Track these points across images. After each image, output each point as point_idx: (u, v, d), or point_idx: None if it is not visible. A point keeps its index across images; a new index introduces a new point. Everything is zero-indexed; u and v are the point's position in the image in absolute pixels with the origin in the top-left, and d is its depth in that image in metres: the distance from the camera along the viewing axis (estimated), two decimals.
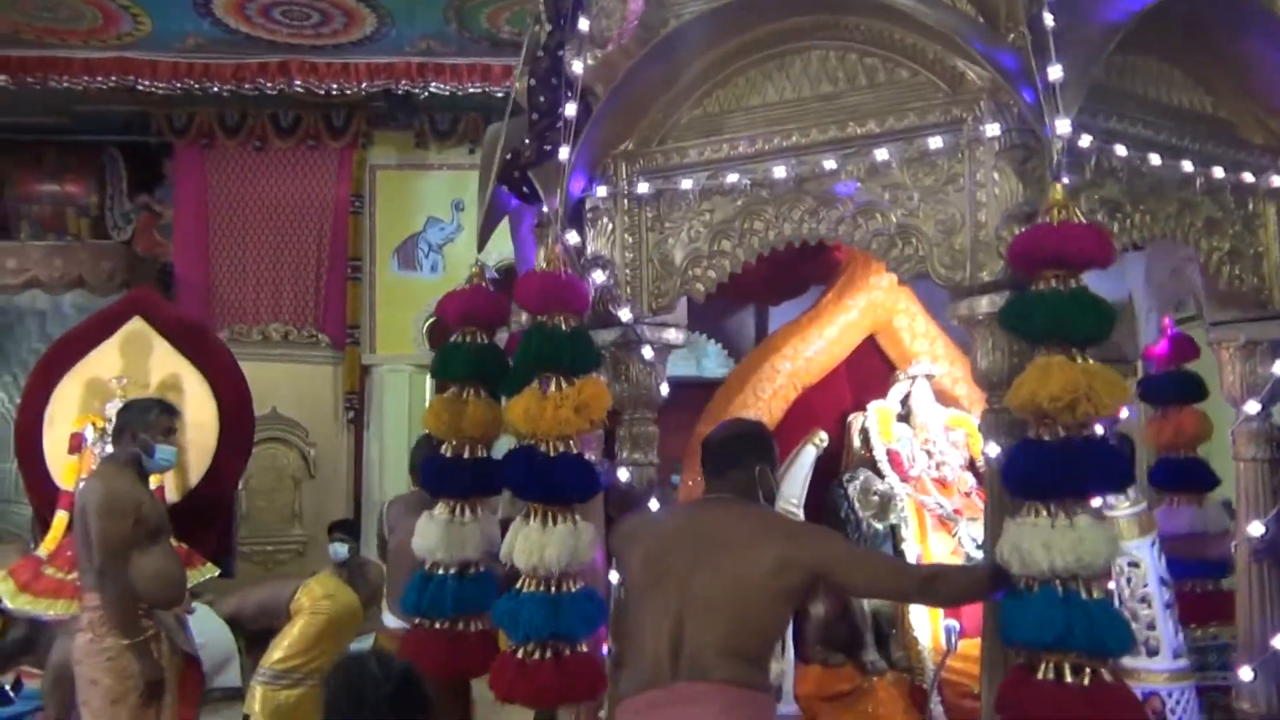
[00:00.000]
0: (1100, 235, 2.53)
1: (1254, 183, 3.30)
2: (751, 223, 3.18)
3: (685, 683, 2.55)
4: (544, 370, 3.08)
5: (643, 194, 3.37)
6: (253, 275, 8.23)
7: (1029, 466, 2.52)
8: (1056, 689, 2.43)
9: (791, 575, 2.59)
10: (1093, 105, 2.82)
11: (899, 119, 2.89)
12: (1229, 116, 3.30)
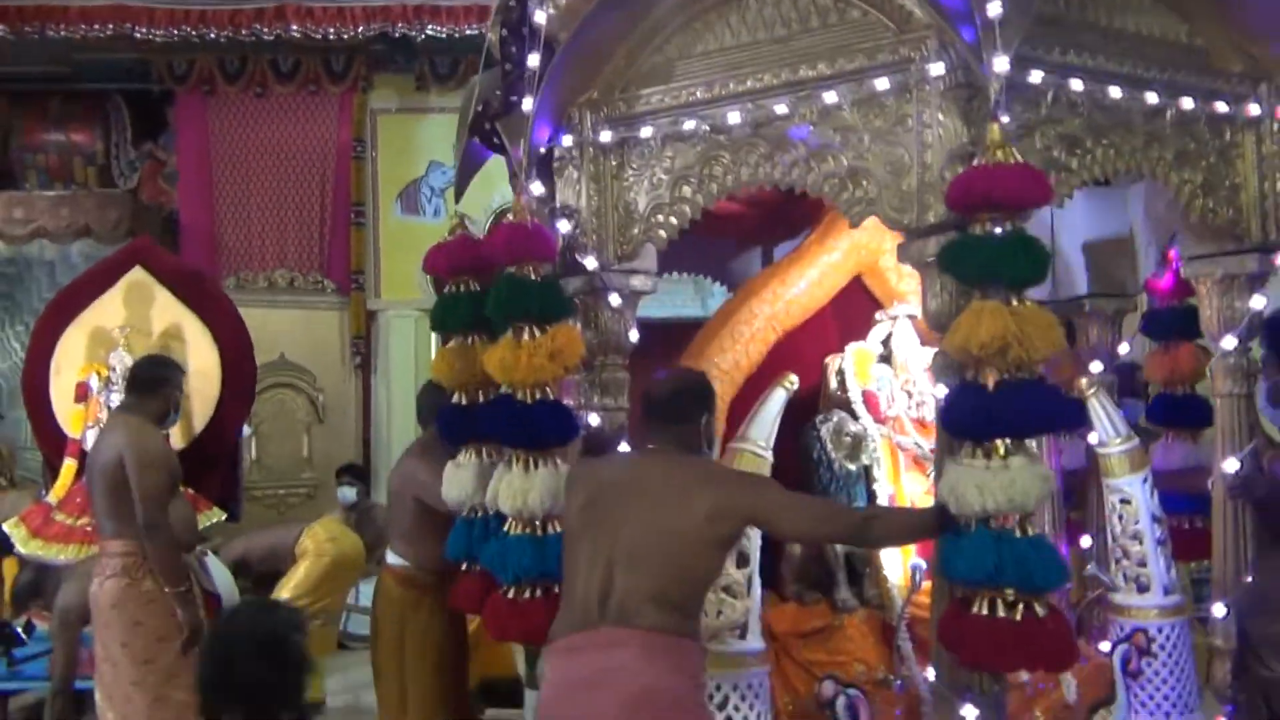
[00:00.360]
0: (1035, 177, 2.54)
1: (1230, 112, 3.30)
2: (710, 168, 3.22)
3: (610, 628, 2.61)
4: (516, 320, 3.18)
5: (606, 143, 3.43)
6: (257, 222, 8.30)
7: (965, 409, 2.58)
8: (990, 623, 2.54)
9: (724, 523, 2.65)
10: (1046, 39, 2.85)
11: (849, 60, 2.91)
12: (1205, 44, 3.29)
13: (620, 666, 2.56)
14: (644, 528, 2.64)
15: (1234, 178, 3.34)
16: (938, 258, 2.62)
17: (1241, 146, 3.34)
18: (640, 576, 2.61)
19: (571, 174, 3.48)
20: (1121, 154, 3.05)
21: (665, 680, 2.57)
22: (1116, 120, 3.05)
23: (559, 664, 2.70)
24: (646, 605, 2.60)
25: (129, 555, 4.02)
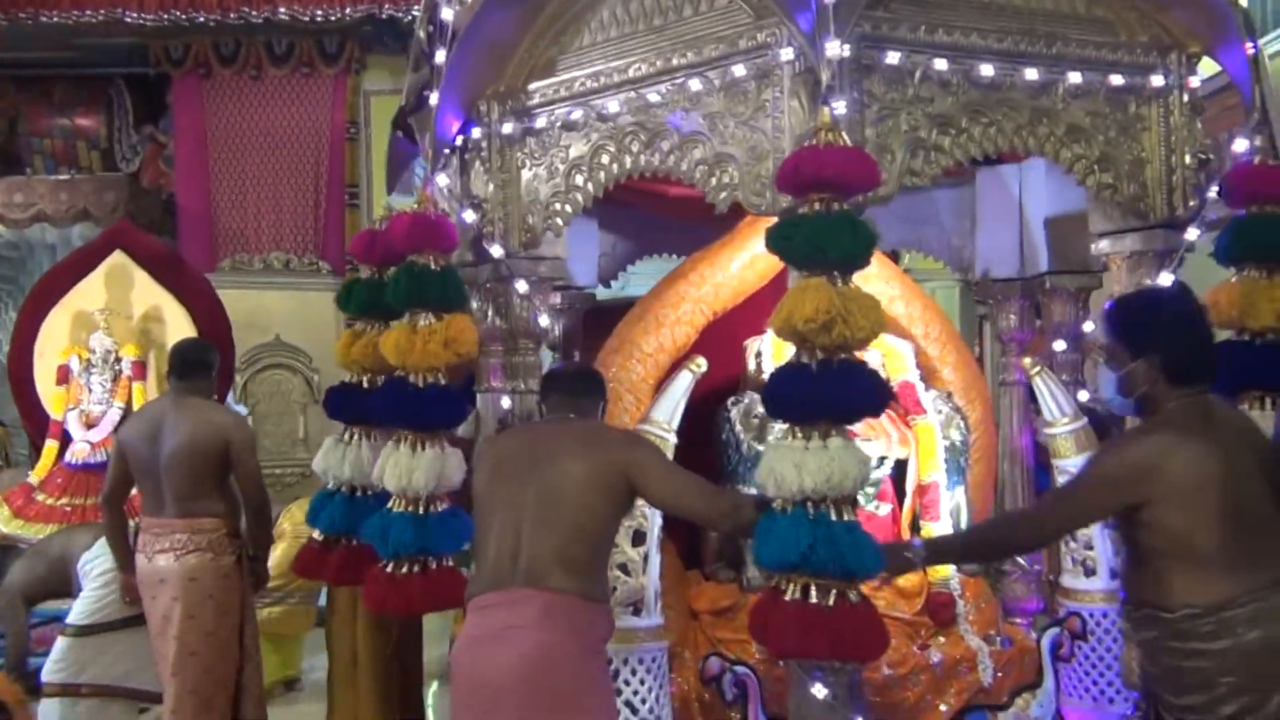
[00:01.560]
0: (861, 159, 2.65)
1: (1132, 84, 3.33)
2: (599, 157, 3.40)
3: (519, 588, 2.81)
4: (414, 307, 3.39)
5: (509, 134, 3.62)
6: (253, 205, 8.60)
7: (787, 389, 2.69)
8: (801, 609, 2.61)
9: (607, 480, 2.84)
10: (910, 18, 2.96)
11: (714, 48, 3.05)
12: (1106, 15, 3.34)
13: (522, 625, 2.77)
14: (545, 489, 2.85)
15: (1137, 152, 3.37)
16: (765, 238, 2.74)
17: (1147, 119, 3.36)
18: (545, 536, 2.82)
19: (479, 165, 3.68)
20: (1004, 132, 3.13)
21: (562, 641, 2.77)
22: (999, 97, 3.12)
23: (472, 620, 2.92)
24: (554, 567, 2.80)
25: (216, 532, 4.28)
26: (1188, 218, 3.31)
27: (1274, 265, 3.14)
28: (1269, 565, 2.42)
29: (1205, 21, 3.25)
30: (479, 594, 2.92)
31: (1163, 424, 2.52)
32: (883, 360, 4.24)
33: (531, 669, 2.72)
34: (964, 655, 3.82)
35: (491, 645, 2.78)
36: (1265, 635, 2.37)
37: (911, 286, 4.57)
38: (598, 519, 2.89)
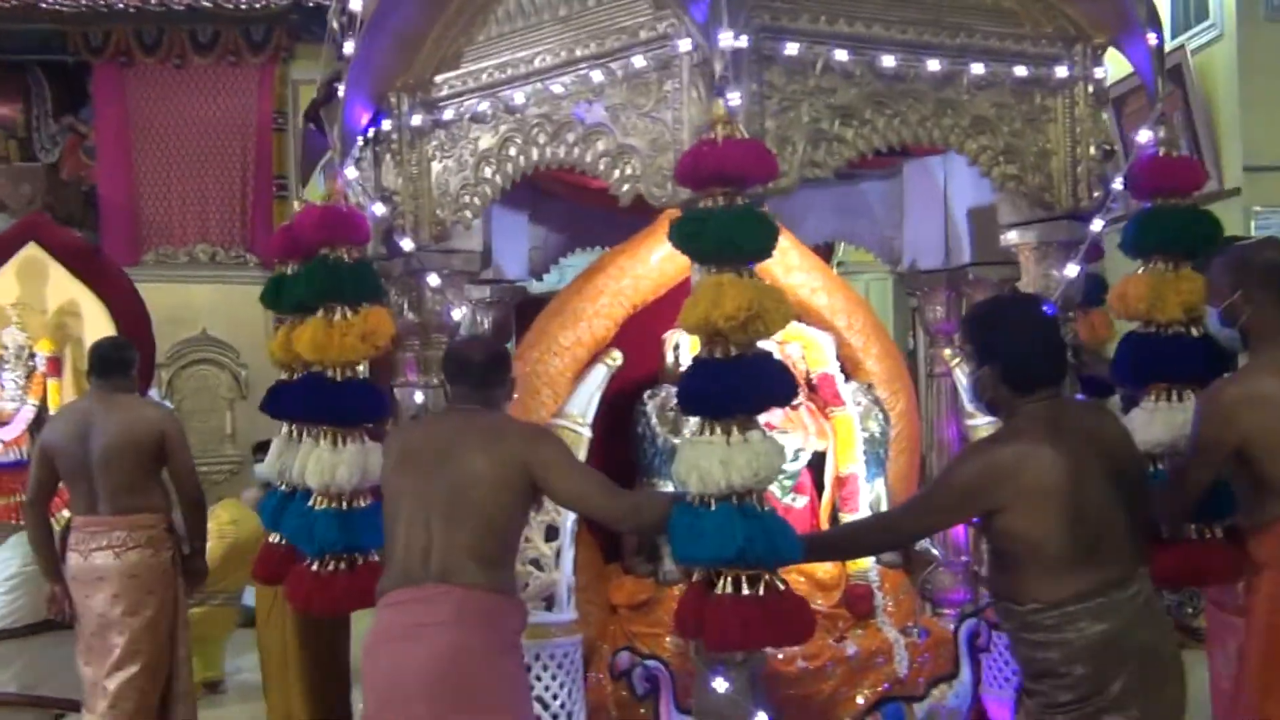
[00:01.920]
0: (757, 152, 2.68)
1: (1037, 75, 3.37)
2: (507, 149, 3.41)
3: (432, 584, 2.83)
4: (328, 300, 3.37)
5: (417, 126, 3.62)
6: (178, 196, 8.52)
7: (703, 385, 2.72)
8: (738, 602, 2.66)
9: (511, 475, 2.85)
10: (810, 8, 2.99)
11: (616, 39, 3.06)
12: (1013, 6, 3.38)
13: (436, 622, 2.79)
14: (452, 484, 2.86)
15: (1043, 143, 3.41)
16: (670, 233, 2.75)
17: (1053, 110, 3.41)
18: (456, 532, 2.83)
19: (390, 158, 3.68)
20: (908, 123, 3.17)
21: (476, 637, 2.81)
22: (903, 88, 3.16)
23: (384, 617, 2.92)
24: (467, 561, 2.82)
25: (154, 528, 4.32)
26: (1092, 209, 3.36)
27: (1180, 257, 3.20)
28: (1112, 564, 2.56)
29: (1109, 13, 3.31)
30: (390, 590, 2.93)
31: (1012, 432, 2.63)
32: (803, 352, 4.29)
33: (447, 666, 2.75)
34: (880, 647, 3.87)
35: (405, 643, 2.80)
36: (1106, 630, 2.52)
37: (834, 278, 4.61)
38: (505, 514, 2.90)
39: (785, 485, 4.07)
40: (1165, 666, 2.62)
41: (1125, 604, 2.56)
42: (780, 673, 3.68)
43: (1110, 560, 2.57)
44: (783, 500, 4.05)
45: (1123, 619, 2.54)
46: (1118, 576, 2.57)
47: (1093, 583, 2.53)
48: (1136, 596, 2.58)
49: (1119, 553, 2.58)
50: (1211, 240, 3.23)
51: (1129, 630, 2.54)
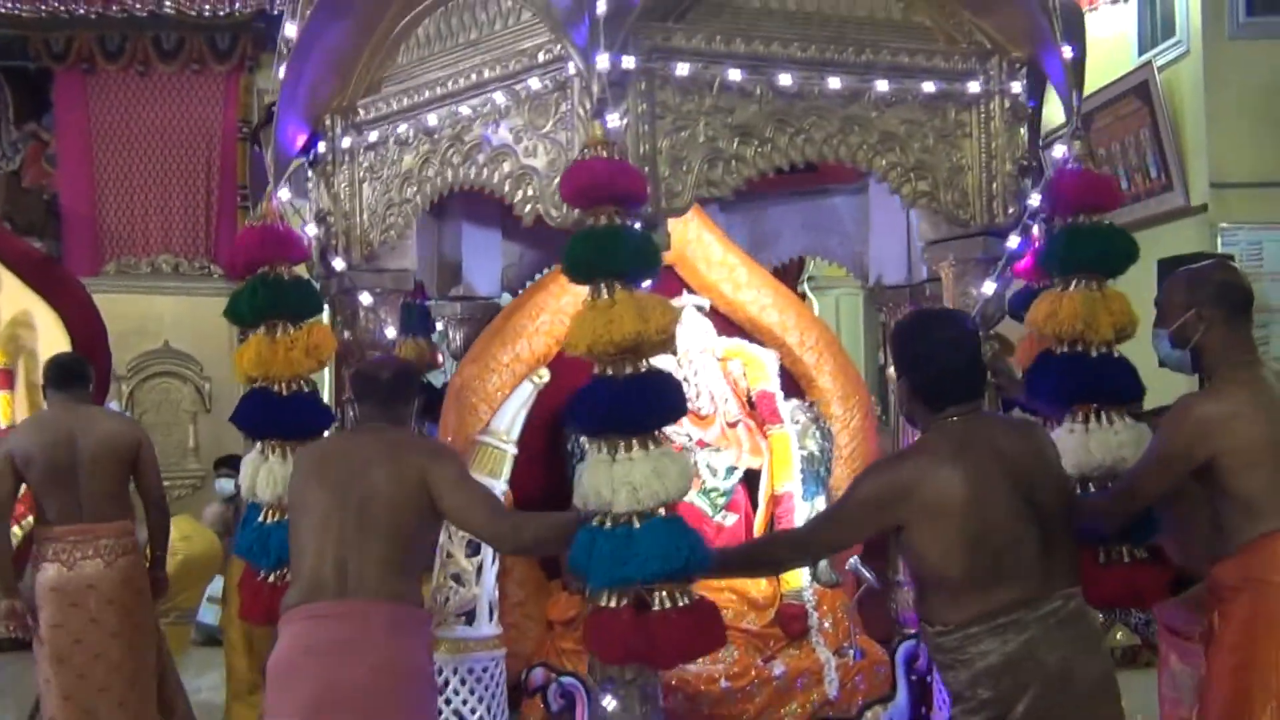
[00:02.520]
0: (625, 173, 2.81)
1: (950, 90, 3.47)
2: (426, 170, 3.57)
3: (358, 600, 2.96)
4: (270, 317, 3.54)
5: (347, 147, 3.82)
6: (140, 206, 8.68)
7: (590, 405, 2.83)
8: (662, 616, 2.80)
9: (412, 491, 2.99)
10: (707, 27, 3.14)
11: (518, 61, 3.21)
12: (924, 21, 3.51)
13: (366, 638, 2.94)
14: (363, 498, 3.00)
15: (958, 159, 3.51)
16: (561, 258, 2.87)
17: (968, 126, 3.51)
18: (371, 546, 2.98)
19: (322, 179, 3.88)
20: (813, 141, 3.29)
21: (406, 652, 2.99)
22: (806, 106, 3.27)
23: (301, 630, 3.03)
24: (387, 575, 2.97)
25: (130, 535, 4.54)
26: (1008, 225, 3.45)
27: (1104, 276, 3.28)
28: (1018, 584, 2.58)
29: (1023, 28, 3.42)
30: (302, 603, 3.05)
31: (918, 448, 2.72)
32: (744, 369, 4.41)
33: (384, 681, 2.91)
34: (810, 667, 3.97)
35: (334, 657, 2.93)
36: (1010, 652, 2.56)
37: (785, 295, 4.71)
38: (411, 529, 3.05)
39: (717, 503, 4.19)
40: (1081, 690, 2.62)
41: (1033, 624, 2.58)
42: (703, 692, 3.80)
43: (1016, 580, 2.59)
44: (714, 518, 4.18)
45: (1029, 641, 2.57)
46: (1025, 596, 2.59)
47: (996, 603, 2.57)
48: (1048, 618, 2.60)
49: (1028, 572, 2.60)
50: (1133, 259, 3.32)
51: (1036, 652, 2.57)
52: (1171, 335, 2.95)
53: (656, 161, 3.05)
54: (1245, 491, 2.79)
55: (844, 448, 4.48)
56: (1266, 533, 2.77)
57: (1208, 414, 2.82)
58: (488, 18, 3.31)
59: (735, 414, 4.34)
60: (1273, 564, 2.76)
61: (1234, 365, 2.87)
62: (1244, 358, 2.89)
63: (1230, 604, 2.84)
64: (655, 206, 3.01)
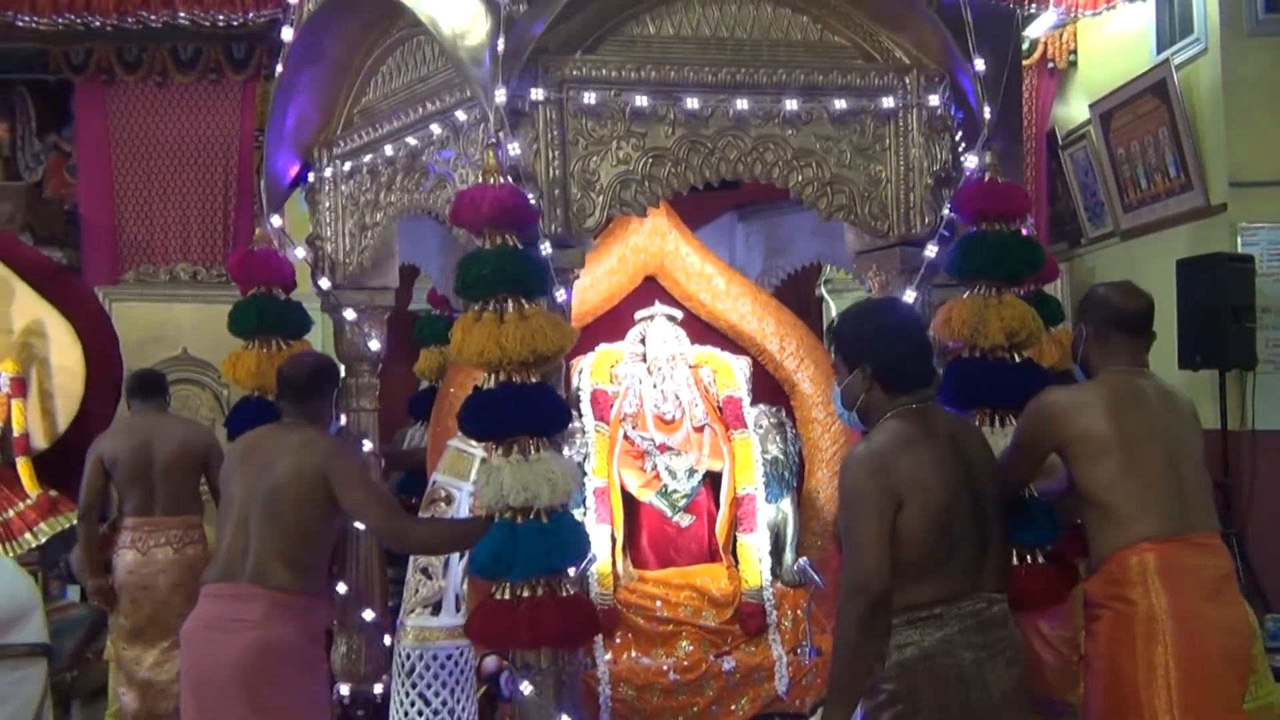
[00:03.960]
0: (515, 195, 3.37)
1: (865, 106, 3.93)
2: (388, 197, 4.24)
3: (246, 583, 3.59)
4: (262, 334, 4.42)
5: (329, 177, 4.54)
6: (159, 215, 9.25)
7: (475, 412, 3.39)
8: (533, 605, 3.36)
9: (313, 487, 3.59)
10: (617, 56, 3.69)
11: (451, 95, 3.82)
12: (840, 40, 4.00)
13: (246, 619, 3.56)
14: (267, 491, 3.64)
15: (876, 172, 3.95)
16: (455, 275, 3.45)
17: (886, 139, 3.96)
18: (269, 536, 3.61)
19: (312, 206, 4.66)
20: (727, 159, 3.81)
21: (281, 633, 3.57)
22: (720, 126, 3.78)
23: (202, 606, 3.73)
24: (277, 565, 3.59)
25: (197, 527, 5.43)
26: (925, 235, 3.89)
27: (1002, 282, 3.72)
28: (946, 580, 2.82)
29: (934, 45, 3.88)
30: (210, 581, 3.75)
31: (879, 434, 2.90)
32: (714, 376, 4.95)
33: (253, 658, 3.54)
34: (762, 664, 4.52)
35: (220, 633, 3.60)
36: (925, 647, 2.79)
37: (766, 303, 5.28)
38: (311, 522, 3.68)
39: (677, 504, 4.77)
40: (994, 693, 2.82)
41: (953, 621, 2.80)
42: (652, 684, 4.35)
43: (949, 576, 2.82)
44: (673, 518, 4.72)
45: (945, 638, 2.78)
46: (952, 593, 2.81)
47: (922, 597, 2.78)
48: (969, 617, 2.82)
49: (961, 570, 2.84)
50: (1032, 266, 3.76)
51: (952, 650, 2.78)
52: (1072, 349, 3.37)
53: (568, 184, 3.62)
54: (1094, 487, 3.10)
55: (826, 451, 5.04)
56: (1122, 546, 3.05)
57: (1054, 403, 3.17)
58: (431, 54, 3.89)
59: (702, 418, 4.89)
60: (1129, 581, 3.03)
61: (1109, 371, 3.21)
62: (1120, 366, 3.21)
63: (1095, 623, 3.13)
64: (567, 227, 3.59)
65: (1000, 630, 2.90)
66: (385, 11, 3.94)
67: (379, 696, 4.57)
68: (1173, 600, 3.00)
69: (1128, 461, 3.08)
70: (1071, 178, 9.29)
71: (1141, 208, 8.13)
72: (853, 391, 3.00)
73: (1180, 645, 2.98)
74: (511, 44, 3.49)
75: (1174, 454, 3.13)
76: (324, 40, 4.17)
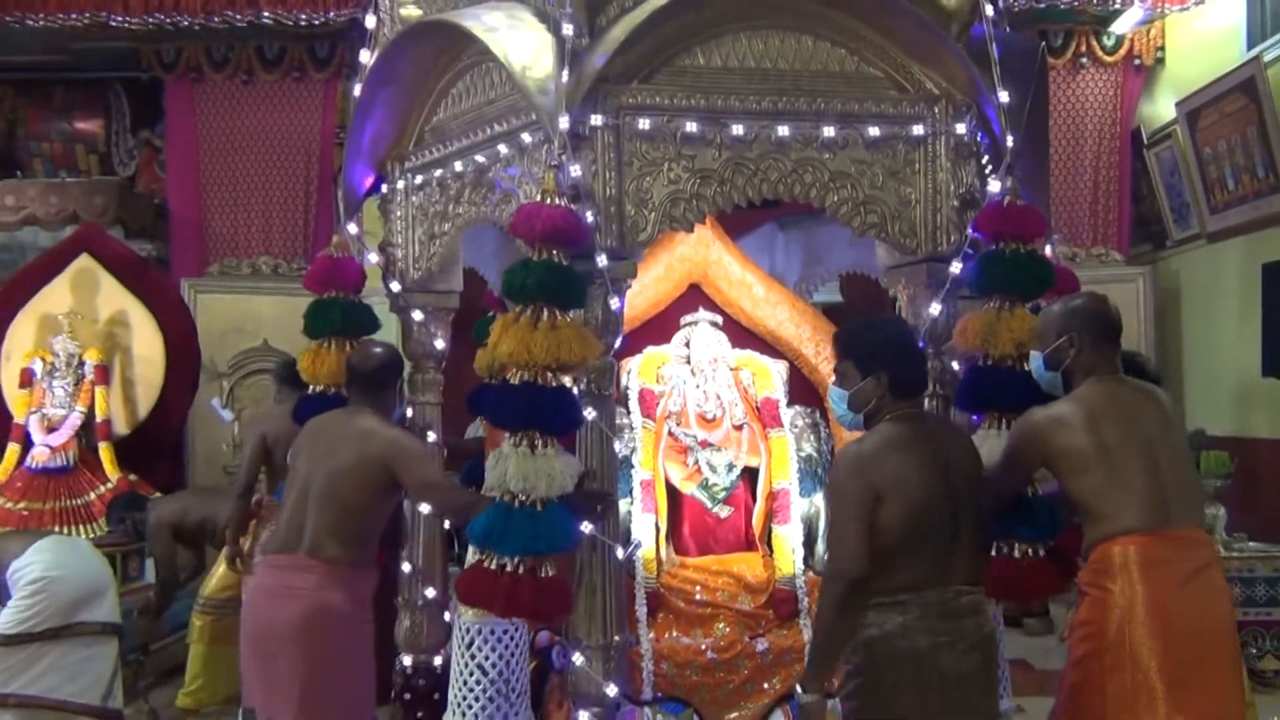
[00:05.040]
0: (567, 217, 3.93)
1: (898, 133, 4.43)
2: (455, 209, 4.85)
3: (303, 556, 4.23)
4: (328, 335, 5.02)
5: (401, 189, 5.14)
6: (243, 209, 10.05)
7: (511, 406, 3.96)
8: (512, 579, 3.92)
9: (371, 471, 4.23)
10: (670, 85, 4.25)
11: (518, 118, 4.40)
12: (876, 72, 4.50)
13: (303, 587, 4.22)
14: (327, 472, 4.28)
15: (906, 193, 4.43)
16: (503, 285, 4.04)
17: (916, 164, 4.46)
18: (324, 514, 4.25)
19: (385, 215, 5.29)
20: (769, 180, 4.33)
21: (331, 600, 4.22)
22: (762, 150, 4.32)
23: (262, 574, 4.46)
24: (330, 540, 4.23)
25: None
26: (950, 252, 4.41)
27: (1016, 297, 4.23)
28: (914, 570, 3.38)
29: (961, 78, 4.39)
30: (272, 552, 4.43)
31: (872, 436, 3.49)
32: (753, 378, 5.51)
33: (308, 622, 4.19)
34: (793, 645, 5.04)
35: (278, 600, 4.28)
36: (886, 630, 3.37)
37: (803, 309, 5.86)
38: (364, 504, 4.31)
39: (717, 496, 5.32)
40: (949, 678, 3.36)
41: (915, 608, 3.35)
42: (693, 660, 4.89)
43: (917, 566, 3.37)
44: (712, 509, 5.28)
45: (906, 623, 3.34)
46: (917, 582, 3.37)
47: (891, 584, 3.35)
48: (932, 606, 3.36)
49: (929, 561, 3.38)
50: (1044, 283, 4.26)
51: (910, 634, 3.34)
52: (1046, 359, 3.84)
53: (623, 202, 4.17)
54: (1080, 495, 3.61)
55: (827, 450, 5.57)
56: (1101, 539, 3.55)
57: (1038, 423, 3.68)
58: (498, 80, 4.48)
59: (741, 417, 5.48)
60: (1106, 571, 3.53)
61: (1091, 382, 3.70)
62: (1105, 373, 3.71)
63: (1080, 603, 3.65)
64: (621, 241, 4.16)
65: (967, 619, 3.45)
66: (457, 39, 4.51)
67: (439, 667, 5.11)
68: (1148, 588, 3.48)
69: (1108, 470, 3.56)
70: (1157, 178, 9.44)
71: (1228, 209, 8.20)
72: (865, 395, 3.58)
73: (1152, 627, 3.45)
74: (574, 75, 4.06)
75: (1153, 455, 3.59)
76: (399, 64, 4.77)
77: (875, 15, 4.36)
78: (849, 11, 4.38)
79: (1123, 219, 10.10)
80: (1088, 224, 10.10)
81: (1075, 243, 10.04)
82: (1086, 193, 10.07)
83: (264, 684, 4.29)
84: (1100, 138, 10.03)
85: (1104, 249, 10.06)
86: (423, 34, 4.67)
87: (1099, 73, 9.98)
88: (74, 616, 5.26)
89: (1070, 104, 10.05)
